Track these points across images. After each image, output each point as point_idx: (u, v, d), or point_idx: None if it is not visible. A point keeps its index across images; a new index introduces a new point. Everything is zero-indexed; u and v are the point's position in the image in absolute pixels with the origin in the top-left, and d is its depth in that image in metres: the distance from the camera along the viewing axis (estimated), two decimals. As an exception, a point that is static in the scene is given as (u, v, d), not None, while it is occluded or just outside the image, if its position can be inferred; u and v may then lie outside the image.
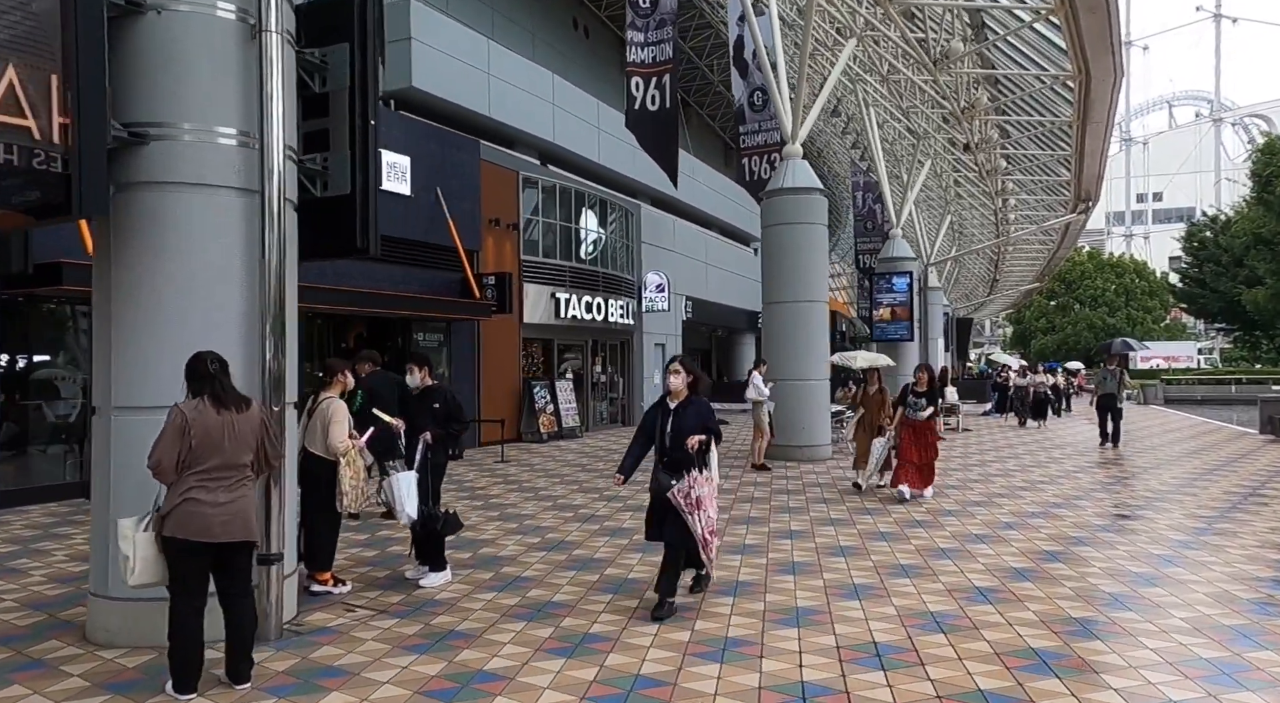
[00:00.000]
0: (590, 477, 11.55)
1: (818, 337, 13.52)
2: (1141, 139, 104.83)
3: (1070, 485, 10.61)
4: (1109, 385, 14.60)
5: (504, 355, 16.35)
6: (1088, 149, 15.69)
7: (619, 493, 9.53)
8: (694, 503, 5.06)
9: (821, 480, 11.03)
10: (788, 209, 13.48)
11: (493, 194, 15.90)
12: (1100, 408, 14.81)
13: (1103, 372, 15.39)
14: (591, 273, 18.93)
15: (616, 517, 8.51)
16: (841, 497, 9.68)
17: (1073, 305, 63.40)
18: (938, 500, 9.46)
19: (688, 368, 5.33)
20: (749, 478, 11.33)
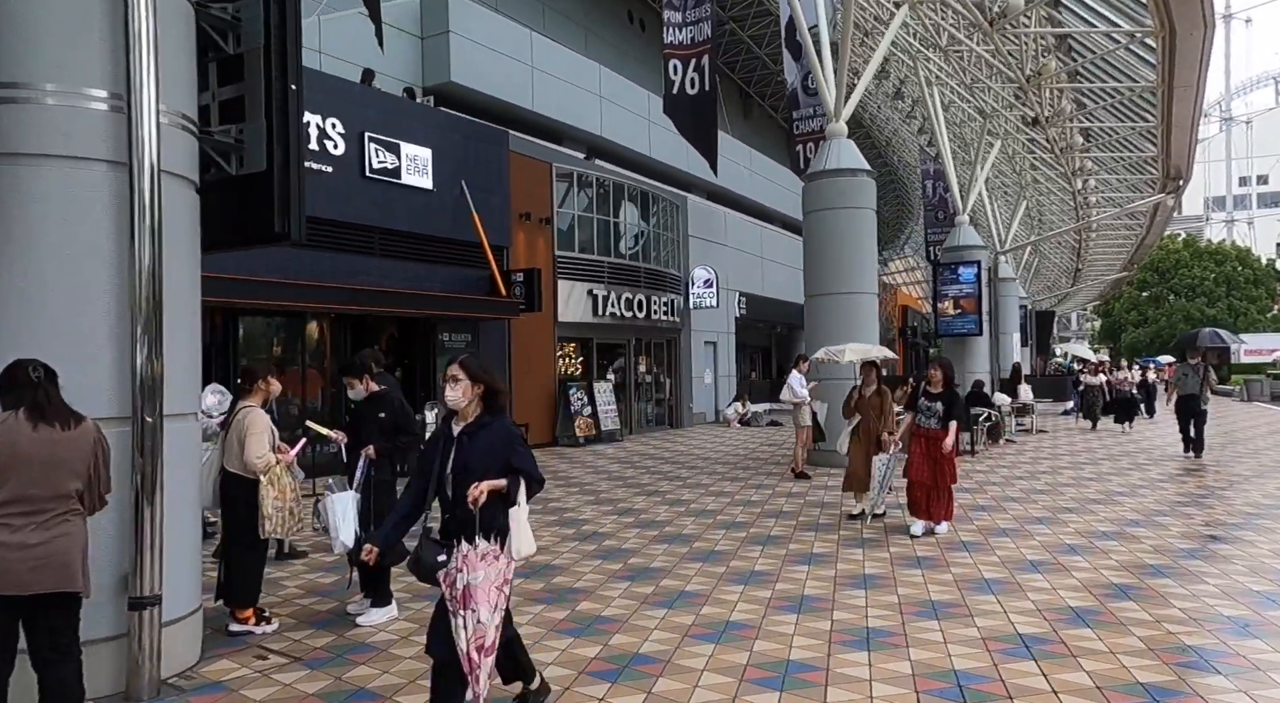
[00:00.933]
0: (613, 485, 10.75)
1: (865, 333, 12.38)
2: (1244, 118, 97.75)
3: (1153, 499, 9.25)
4: (1190, 384, 12.56)
5: (538, 355, 15.72)
6: (1175, 118, 14.00)
7: (619, 511, 8.69)
8: (459, 596, 3.19)
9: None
10: (831, 192, 12.38)
11: (524, 187, 15.27)
12: (1180, 410, 12.78)
13: (1183, 368, 13.20)
14: (633, 268, 18.14)
15: (611, 538, 7.68)
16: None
17: (1167, 296, 59.23)
18: (993, 517, 8.30)
19: (472, 372, 3.45)
20: (784, 487, 10.33)
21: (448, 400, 3.47)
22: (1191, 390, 12.51)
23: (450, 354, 14.30)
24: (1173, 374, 17.00)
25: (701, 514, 8.59)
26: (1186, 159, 16.11)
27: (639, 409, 19.35)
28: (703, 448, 15.44)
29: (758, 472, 11.92)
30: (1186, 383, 12.70)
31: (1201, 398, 12.42)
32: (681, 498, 9.65)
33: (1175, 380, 13.24)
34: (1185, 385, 12.72)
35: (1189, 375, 12.70)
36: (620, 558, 6.65)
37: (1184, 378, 12.87)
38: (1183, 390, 12.73)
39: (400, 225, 12.66)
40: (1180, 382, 12.97)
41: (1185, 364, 13.19)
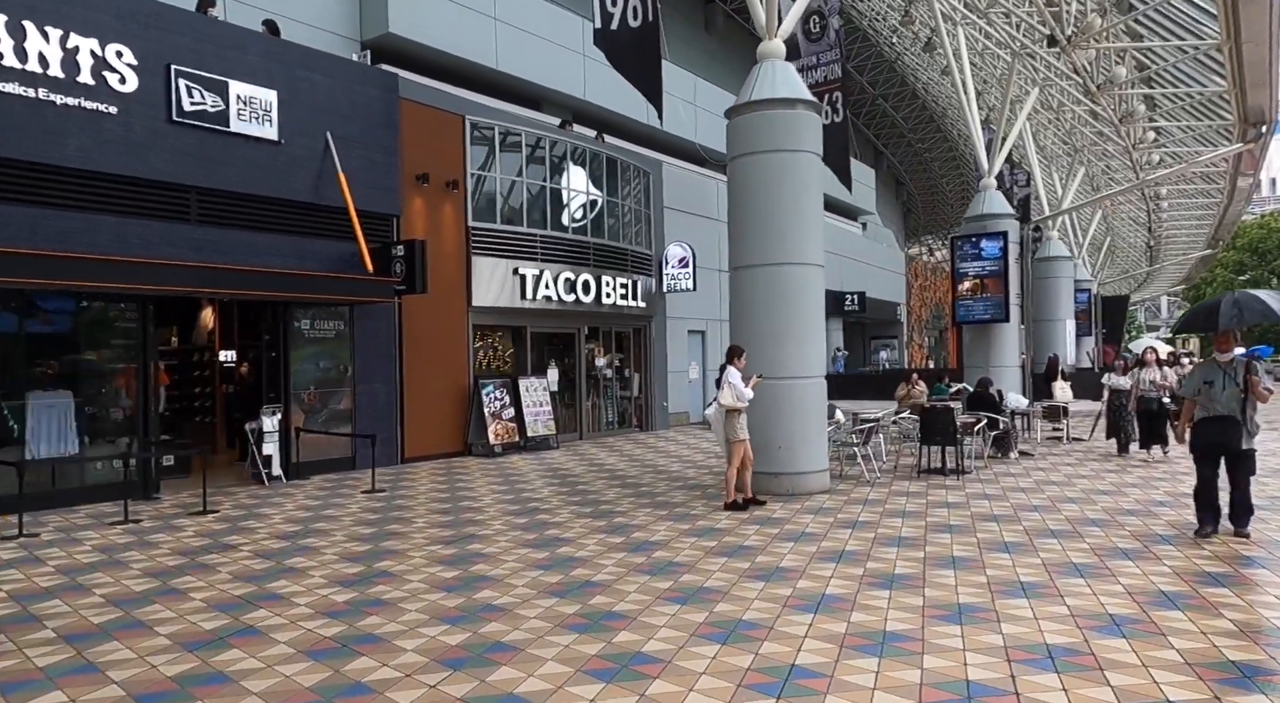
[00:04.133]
0: (434, 525, 8.10)
1: (805, 316, 9.40)
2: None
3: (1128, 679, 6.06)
4: (1222, 399, 6.68)
5: (445, 347, 13.18)
6: (1245, 30, 10.48)
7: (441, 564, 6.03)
8: None
9: (813, 529, 7.05)
10: (760, 131, 9.42)
11: (423, 144, 12.73)
12: (1204, 447, 6.83)
13: (1206, 369, 6.94)
14: (577, 244, 15.42)
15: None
16: (859, 569, 5.74)
17: (1268, 280, 53.06)
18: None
19: None
20: (710, 525, 7.50)
21: None
22: (1225, 411, 6.66)
23: (313, 346, 12.03)
24: (1183, 378, 9.39)
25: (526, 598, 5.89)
26: (1269, 92, 12.40)
27: (597, 409, 16.67)
28: (653, 460, 12.65)
29: (691, 501, 9.11)
30: (1215, 397, 6.70)
31: (1246, 427, 6.60)
32: (547, 546, 6.95)
33: (1189, 389, 6.98)
34: (1212, 402, 6.73)
35: (1218, 381, 6.70)
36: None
37: (1207, 388, 6.76)
38: (1207, 410, 6.77)
39: (230, 185, 10.28)
40: (1199, 393, 6.84)
41: (1210, 361, 6.94)
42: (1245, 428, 6.65)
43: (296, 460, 10.90)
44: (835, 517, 7.86)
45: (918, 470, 10.65)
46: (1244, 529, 6.80)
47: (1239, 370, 6.71)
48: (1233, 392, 6.65)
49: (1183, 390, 7.40)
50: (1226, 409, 6.70)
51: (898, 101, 48.24)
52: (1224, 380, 6.74)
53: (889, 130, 52.74)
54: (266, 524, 7.89)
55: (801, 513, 8.08)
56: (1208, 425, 6.80)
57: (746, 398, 8.44)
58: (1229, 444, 6.69)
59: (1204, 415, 6.84)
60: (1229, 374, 6.75)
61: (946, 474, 10.39)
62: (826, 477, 9.57)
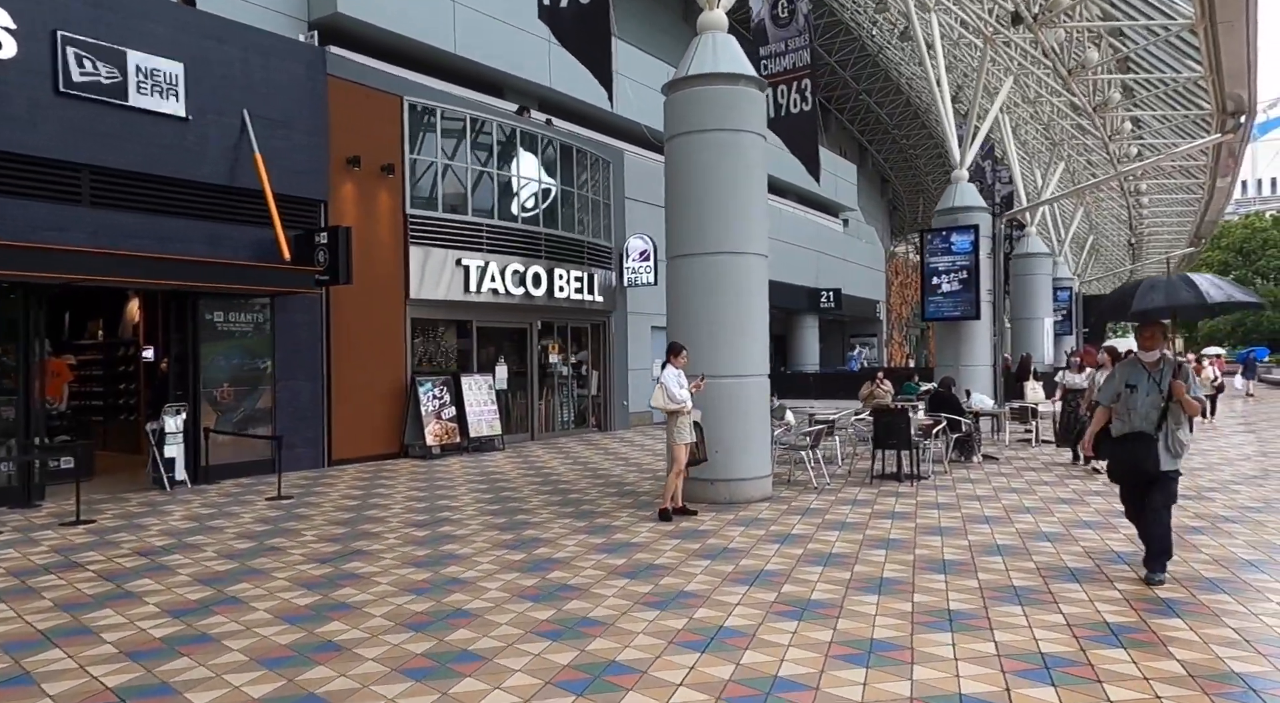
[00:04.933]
0: (351, 528, 7.36)
1: (746, 310, 8.69)
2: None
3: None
4: (1140, 408, 5.33)
5: (379, 342, 12.42)
6: (1220, 9, 9.85)
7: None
8: None
9: (737, 545, 6.34)
10: (699, 108, 8.70)
11: (355, 125, 11.96)
12: (1122, 467, 5.56)
13: (1127, 370, 5.54)
14: (528, 235, 14.67)
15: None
16: (772, 593, 5.03)
17: (1252, 279, 52.81)
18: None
19: None
20: (626, 538, 6.78)
21: None
22: (1140, 425, 5.30)
23: (227, 340, 11.25)
24: (1097, 378, 9.51)
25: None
26: (1246, 79, 11.78)
27: (551, 409, 15.94)
28: (599, 463, 11.94)
29: (618, 510, 8.40)
30: (1132, 406, 5.34)
31: (1165, 443, 5.25)
32: (435, 565, 6.22)
33: (1105, 395, 5.64)
34: (1128, 412, 5.36)
35: (1141, 387, 5.34)
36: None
37: (1128, 394, 5.38)
38: (1122, 422, 5.42)
39: (131, 165, 9.50)
40: (1118, 400, 5.46)
41: (1134, 361, 5.51)
42: (1164, 445, 5.25)
43: (206, 464, 10.13)
44: (768, 529, 7.16)
45: (871, 476, 9.97)
46: (1155, 575, 5.28)
47: (1166, 373, 5.28)
48: (1154, 400, 5.26)
49: (1098, 396, 5.90)
50: (1142, 422, 5.30)
51: (882, 97, 47.64)
52: (1147, 386, 5.33)
53: (873, 126, 52.15)
54: (138, 537, 7.13)
55: (732, 525, 7.39)
56: (1119, 445, 5.40)
57: (679, 400, 7.73)
58: (1143, 466, 5.28)
59: (1119, 430, 5.43)
60: (1154, 378, 5.32)
61: (901, 480, 9.72)
62: (768, 484, 8.87)
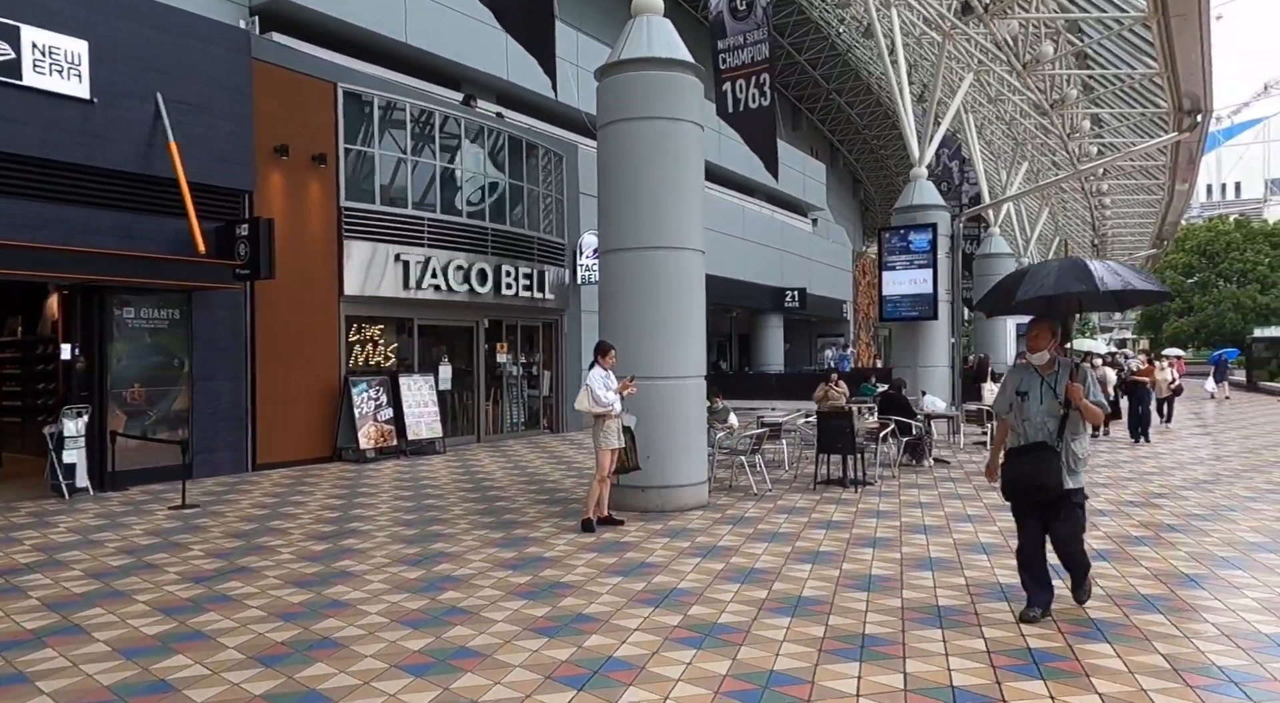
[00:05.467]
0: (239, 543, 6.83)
1: (682, 308, 8.27)
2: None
3: None
4: (1036, 420, 4.61)
5: (310, 340, 11.84)
6: (1173, 9, 9.59)
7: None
8: None
9: (657, 559, 5.88)
10: (632, 94, 8.26)
11: (283, 111, 11.37)
12: (1018, 484, 4.63)
13: (1020, 374, 4.83)
14: (474, 230, 14.15)
15: None
16: (677, 616, 4.57)
17: (1216, 282, 53.41)
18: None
19: None
20: (539, 552, 6.30)
21: None
22: (1036, 436, 4.60)
23: (138, 337, 10.63)
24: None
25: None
26: (1201, 75, 11.57)
27: (500, 410, 15.43)
28: (539, 466, 11.48)
29: (542, 519, 7.93)
30: (1027, 415, 4.65)
31: (1064, 458, 4.53)
32: (320, 585, 5.71)
33: (1000, 405, 4.93)
34: (1023, 423, 4.69)
35: (1034, 393, 4.65)
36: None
37: (1020, 402, 4.70)
38: (1018, 434, 4.72)
39: (27, 149, 8.86)
40: (1011, 410, 4.79)
41: (1024, 364, 4.88)
42: (1064, 460, 4.52)
43: (113, 469, 9.52)
44: (693, 541, 6.74)
45: (815, 482, 9.60)
46: (1082, 594, 4.82)
47: (1062, 376, 4.56)
48: (1051, 407, 4.55)
49: (993, 406, 5.31)
50: (1039, 433, 4.58)
51: (852, 96, 47.60)
52: (1041, 392, 4.61)
53: (845, 126, 52.14)
54: (4, 553, 6.55)
55: (657, 536, 6.96)
56: (1014, 458, 4.65)
57: (605, 403, 7.29)
58: (1042, 484, 4.49)
59: (1014, 443, 4.72)
60: (1049, 383, 4.60)
61: (845, 486, 9.35)
62: (704, 491, 8.46)
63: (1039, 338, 4.68)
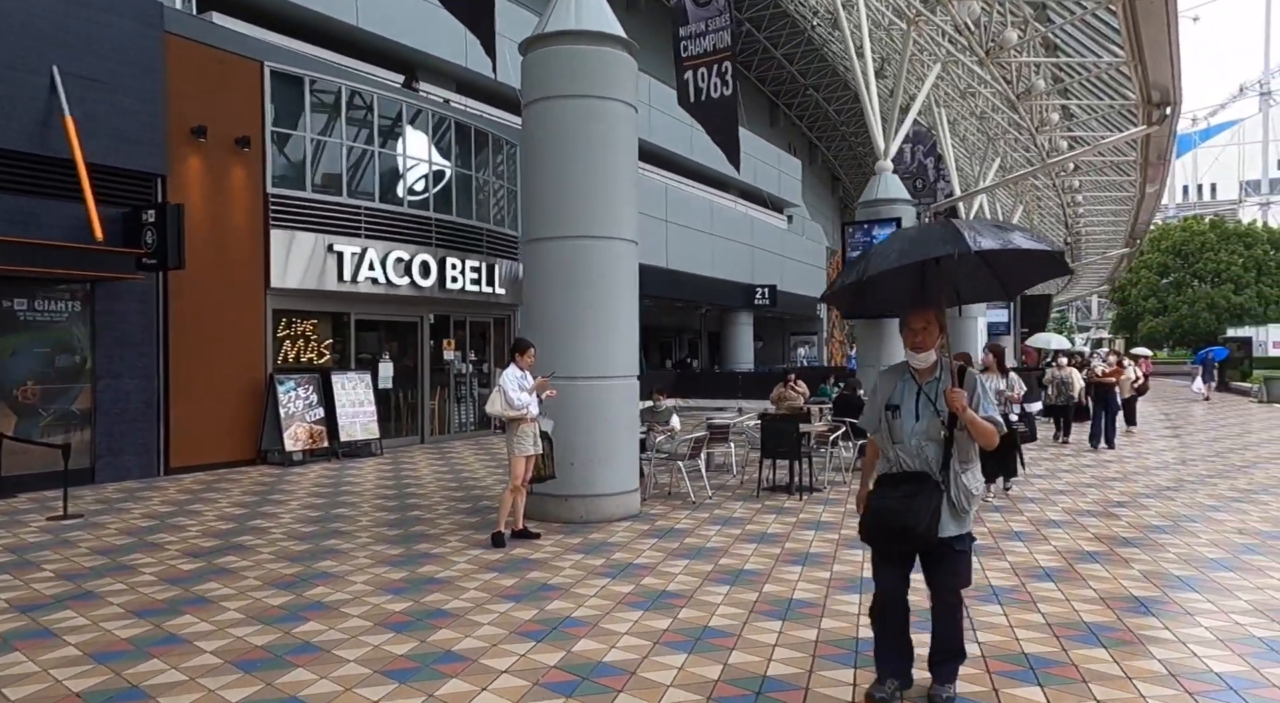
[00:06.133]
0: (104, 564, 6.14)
1: (611, 303, 7.67)
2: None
3: None
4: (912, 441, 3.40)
5: (231, 336, 11.13)
6: (1140, 9, 9.12)
7: None
8: None
9: (561, 580, 5.26)
10: (558, 70, 7.64)
11: (202, 92, 10.65)
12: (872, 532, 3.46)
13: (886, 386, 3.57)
14: (417, 220, 13.48)
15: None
16: (557, 653, 3.96)
17: (1190, 282, 53.53)
18: None
19: None
20: (435, 571, 5.68)
21: None
22: (912, 464, 3.39)
23: (31, 331, 9.86)
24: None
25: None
26: (1169, 63, 11.11)
27: (446, 409, 14.76)
28: (474, 470, 10.87)
29: (452, 532, 7.30)
30: (899, 435, 3.43)
31: (949, 493, 3.32)
32: (167, 615, 5.05)
33: (868, 420, 3.65)
34: (894, 445, 3.45)
35: (906, 405, 3.44)
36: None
37: (891, 418, 3.48)
38: (891, 461, 3.48)
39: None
40: (883, 428, 3.52)
41: (900, 367, 3.58)
42: (948, 496, 3.31)
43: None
44: (608, 558, 6.15)
45: (759, 488, 9.03)
46: (944, 691, 3.45)
47: (941, 382, 3.36)
48: (930, 427, 3.33)
49: (860, 421, 3.83)
50: (914, 459, 3.35)
51: (830, 92, 47.20)
52: (918, 405, 3.37)
53: (822, 123, 51.76)
54: None
55: (570, 552, 6.36)
56: (882, 491, 3.39)
57: (519, 405, 6.67)
58: (908, 527, 3.24)
59: (883, 470, 3.50)
60: (927, 393, 3.37)
61: (791, 493, 8.80)
62: (635, 499, 7.87)
63: (925, 332, 3.34)
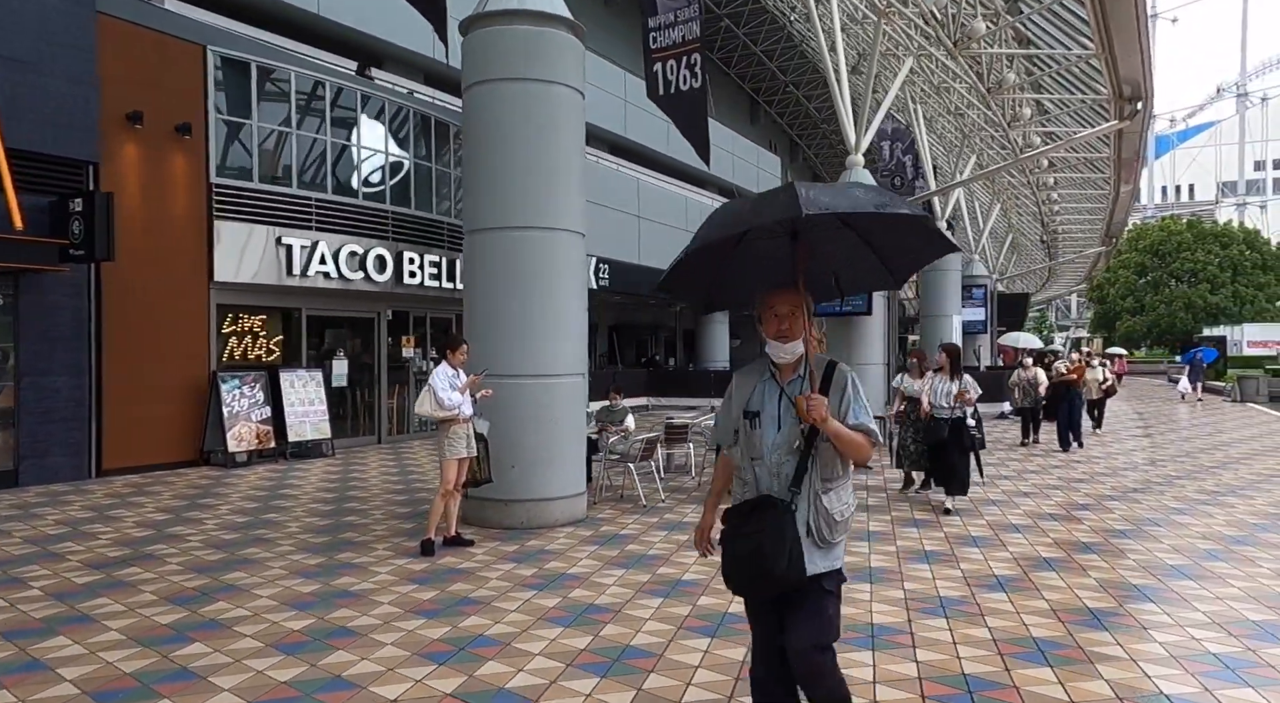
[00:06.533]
0: None
1: (556, 298, 7.30)
2: (1260, 94, 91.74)
3: None
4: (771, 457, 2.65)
5: (171, 332, 10.66)
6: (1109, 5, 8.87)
7: None
8: None
9: (485, 592, 4.89)
10: (499, 52, 7.26)
11: (139, 75, 10.18)
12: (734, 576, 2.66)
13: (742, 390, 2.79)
14: (372, 213, 13.04)
15: None
16: (457, 678, 3.59)
17: (1167, 281, 53.83)
18: None
19: None
20: (351, 584, 5.29)
21: None
22: (767, 486, 2.66)
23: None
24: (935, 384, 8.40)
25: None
26: (1139, 53, 10.88)
27: (405, 408, 14.33)
28: (422, 472, 10.47)
29: (383, 539, 6.91)
30: (756, 451, 2.69)
31: (810, 523, 2.62)
32: (38, 637, 4.64)
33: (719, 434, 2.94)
34: (753, 465, 2.69)
35: (767, 411, 2.69)
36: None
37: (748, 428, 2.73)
38: (747, 484, 2.72)
39: None
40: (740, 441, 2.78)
41: (758, 364, 2.80)
42: (810, 525, 2.61)
43: (-88, 476, 8.33)
44: (540, 568, 5.79)
45: (714, 491, 8.70)
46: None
47: (805, 382, 2.65)
48: (789, 437, 2.64)
49: (713, 435, 3.15)
50: (772, 480, 2.65)
51: (810, 89, 46.98)
52: (780, 410, 2.68)
53: (804, 120, 51.57)
54: None
55: (502, 561, 6.00)
56: (733, 526, 2.66)
57: (450, 405, 6.30)
58: (767, 571, 2.53)
59: (738, 496, 2.75)
60: (789, 395, 2.67)
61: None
62: (581, 503, 7.51)
63: (792, 318, 2.61)
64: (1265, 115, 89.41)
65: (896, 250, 2.83)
